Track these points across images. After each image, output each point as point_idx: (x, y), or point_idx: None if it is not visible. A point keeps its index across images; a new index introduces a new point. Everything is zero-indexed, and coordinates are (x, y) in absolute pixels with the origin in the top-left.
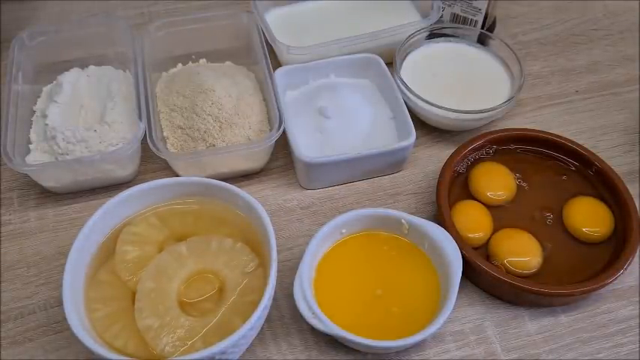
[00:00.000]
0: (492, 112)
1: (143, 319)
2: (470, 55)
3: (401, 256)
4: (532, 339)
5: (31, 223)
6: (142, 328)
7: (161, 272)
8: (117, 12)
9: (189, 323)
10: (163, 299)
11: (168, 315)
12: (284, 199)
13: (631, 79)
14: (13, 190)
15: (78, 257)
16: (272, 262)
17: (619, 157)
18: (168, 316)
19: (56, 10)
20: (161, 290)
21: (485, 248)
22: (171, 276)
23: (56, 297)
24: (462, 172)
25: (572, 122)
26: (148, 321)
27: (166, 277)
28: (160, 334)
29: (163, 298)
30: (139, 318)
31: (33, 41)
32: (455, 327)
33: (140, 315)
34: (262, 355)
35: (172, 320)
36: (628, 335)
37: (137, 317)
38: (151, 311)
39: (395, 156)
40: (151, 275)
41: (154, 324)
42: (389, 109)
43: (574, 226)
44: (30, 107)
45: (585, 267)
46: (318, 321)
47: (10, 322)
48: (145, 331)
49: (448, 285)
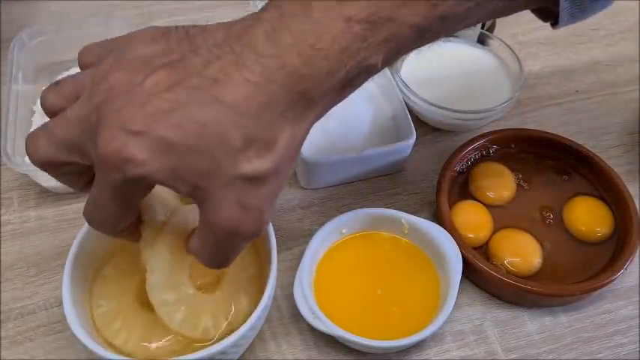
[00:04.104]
0: (492, 112)
1: (158, 294)
2: (470, 55)
3: (401, 256)
4: (532, 339)
5: (31, 223)
6: (157, 302)
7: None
8: (117, 12)
9: (200, 298)
10: (178, 272)
11: (182, 289)
12: (284, 199)
13: (631, 79)
14: (13, 190)
15: (78, 257)
16: (272, 262)
17: (619, 157)
18: (182, 290)
19: (56, 10)
20: (176, 263)
21: (485, 248)
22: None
23: (56, 297)
24: (462, 172)
25: (572, 122)
26: (163, 295)
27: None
28: (175, 310)
29: (178, 270)
30: (153, 293)
31: (33, 41)
32: (455, 327)
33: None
34: (262, 354)
35: (185, 295)
36: (628, 335)
37: (151, 292)
38: (165, 285)
39: (395, 156)
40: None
41: (170, 298)
42: (389, 109)
43: (574, 226)
44: (30, 107)
45: (585, 267)
46: (318, 321)
47: (10, 322)
48: (159, 306)
49: (448, 285)
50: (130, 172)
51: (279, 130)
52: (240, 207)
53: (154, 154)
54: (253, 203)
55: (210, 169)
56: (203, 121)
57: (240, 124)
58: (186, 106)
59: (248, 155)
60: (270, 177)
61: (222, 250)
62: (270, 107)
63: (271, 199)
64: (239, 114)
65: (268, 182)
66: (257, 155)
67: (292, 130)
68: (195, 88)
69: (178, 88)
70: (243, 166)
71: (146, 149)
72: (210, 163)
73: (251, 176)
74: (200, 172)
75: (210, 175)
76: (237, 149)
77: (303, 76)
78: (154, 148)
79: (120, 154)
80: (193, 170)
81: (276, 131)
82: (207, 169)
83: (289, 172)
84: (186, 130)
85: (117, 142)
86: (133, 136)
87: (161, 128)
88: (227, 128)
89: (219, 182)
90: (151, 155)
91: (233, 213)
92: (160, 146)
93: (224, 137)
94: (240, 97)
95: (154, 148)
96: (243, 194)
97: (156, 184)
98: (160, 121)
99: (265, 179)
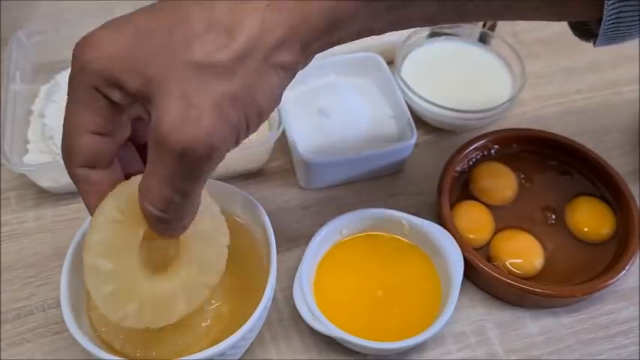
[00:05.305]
0: (494, 111)
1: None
2: (471, 55)
3: (401, 256)
4: (533, 340)
5: (29, 224)
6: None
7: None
8: (114, 11)
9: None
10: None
11: (123, 259)
12: (284, 199)
13: (632, 78)
14: (11, 190)
15: (76, 258)
16: (272, 262)
17: (621, 157)
18: (123, 260)
19: (54, 9)
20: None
21: (486, 249)
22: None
23: (55, 298)
24: (464, 172)
25: (573, 122)
26: (98, 260)
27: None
28: (104, 280)
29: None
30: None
31: (31, 40)
32: (456, 328)
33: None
34: (261, 356)
35: (123, 267)
36: (630, 336)
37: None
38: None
39: (395, 156)
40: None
41: (104, 265)
42: (389, 109)
43: (576, 227)
44: (28, 107)
45: (587, 268)
46: (317, 322)
47: (8, 323)
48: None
49: (449, 286)
50: (83, 55)
51: (248, 16)
52: (184, 101)
53: (117, 37)
54: (197, 99)
55: (164, 54)
56: (165, 12)
57: (208, 4)
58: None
59: (205, 39)
60: (226, 70)
61: (168, 179)
62: None
63: (223, 104)
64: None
65: (224, 77)
66: (215, 40)
67: (263, 21)
68: None
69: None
70: (196, 50)
71: (111, 34)
72: (164, 48)
73: (202, 63)
74: (154, 56)
75: (162, 62)
76: (196, 32)
77: None
78: (120, 32)
79: (82, 39)
80: (147, 54)
81: (243, 16)
82: (161, 54)
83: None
84: (154, 12)
85: (87, 34)
86: (105, 27)
87: (135, 14)
88: (193, 7)
89: (168, 71)
90: (113, 38)
91: (175, 111)
92: (126, 30)
93: (186, 16)
94: None
95: (121, 32)
96: (190, 85)
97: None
98: (136, 14)
99: (221, 72)
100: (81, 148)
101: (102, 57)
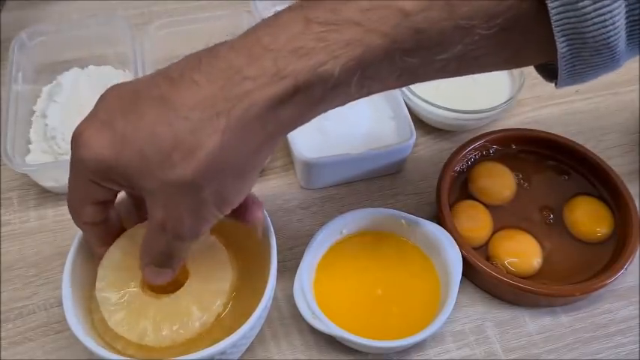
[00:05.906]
0: (493, 112)
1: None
2: None
3: (401, 256)
4: (532, 339)
5: (30, 223)
6: (100, 299)
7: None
8: (117, 12)
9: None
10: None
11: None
12: (284, 199)
13: (631, 79)
14: (13, 190)
15: (77, 257)
16: (272, 262)
17: (619, 157)
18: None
19: (56, 10)
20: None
21: (485, 248)
22: None
23: (56, 297)
24: (463, 172)
25: (572, 122)
26: (107, 293)
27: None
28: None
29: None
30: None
31: (33, 41)
32: (455, 327)
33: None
34: (262, 355)
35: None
36: (628, 335)
37: (98, 289)
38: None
39: (395, 156)
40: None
41: (112, 297)
42: (389, 109)
43: (574, 226)
44: (30, 107)
45: (585, 267)
46: (318, 321)
47: (10, 322)
48: (101, 302)
49: (448, 285)
50: (77, 153)
51: (207, 134)
52: (165, 211)
53: (103, 141)
54: (174, 212)
55: (143, 168)
56: (143, 115)
57: (173, 122)
58: (139, 102)
59: (174, 159)
60: (193, 187)
61: (158, 247)
62: (202, 107)
63: (198, 212)
64: (174, 110)
65: (193, 192)
66: (181, 159)
67: (222, 138)
68: (154, 84)
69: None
70: (168, 170)
71: (99, 137)
72: (142, 160)
73: (174, 182)
74: (134, 169)
75: (142, 174)
76: (164, 151)
77: (246, 78)
78: (105, 137)
79: (75, 134)
80: (128, 164)
81: (202, 135)
82: (142, 166)
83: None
84: (132, 125)
85: (80, 127)
86: (94, 124)
87: (120, 121)
88: (160, 125)
89: (150, 183)
90: (101, 143)
91: (159, 215)
92: (110, 136)
93: (155, 135)
94: (181, 96)
95: (106, 137)
96: (168, 199)
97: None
98: (119, 115)
99: (190, 189)
100: (84, 212)
101: (93, 159)
